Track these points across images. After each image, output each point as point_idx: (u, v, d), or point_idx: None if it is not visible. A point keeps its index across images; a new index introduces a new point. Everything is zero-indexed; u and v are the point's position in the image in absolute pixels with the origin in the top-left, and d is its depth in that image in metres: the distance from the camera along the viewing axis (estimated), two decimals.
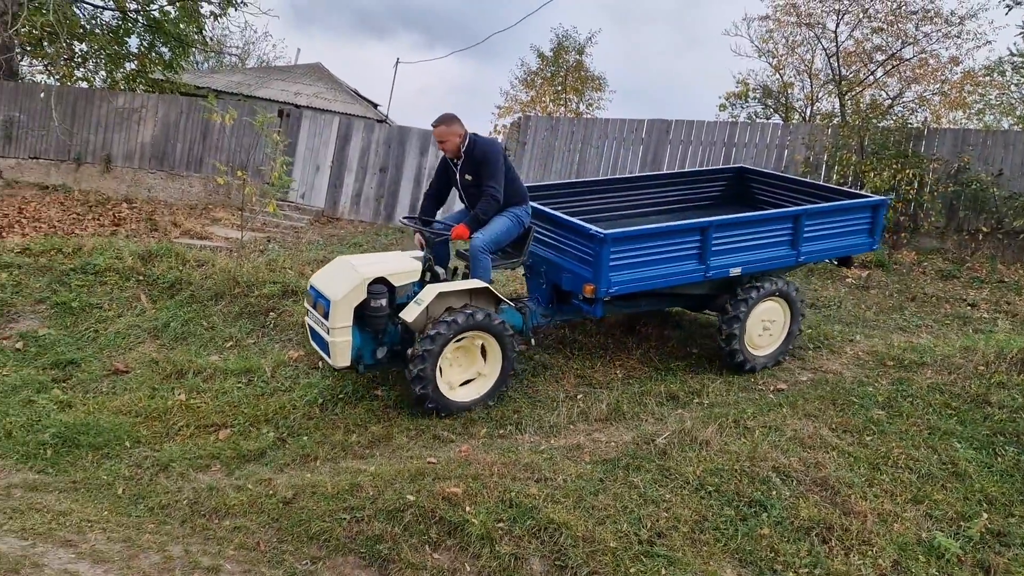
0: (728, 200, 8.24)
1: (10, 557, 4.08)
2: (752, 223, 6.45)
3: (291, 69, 25.28)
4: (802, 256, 6.60)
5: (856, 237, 6.94)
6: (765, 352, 6.61)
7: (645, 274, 6.01)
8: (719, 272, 6.25)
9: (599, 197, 7.70)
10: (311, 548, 4.36)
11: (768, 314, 6.54)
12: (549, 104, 25.53)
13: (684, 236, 6.12)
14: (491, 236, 5.94)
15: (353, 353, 5.60)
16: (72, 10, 16.47)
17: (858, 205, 6.92)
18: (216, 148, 15.47)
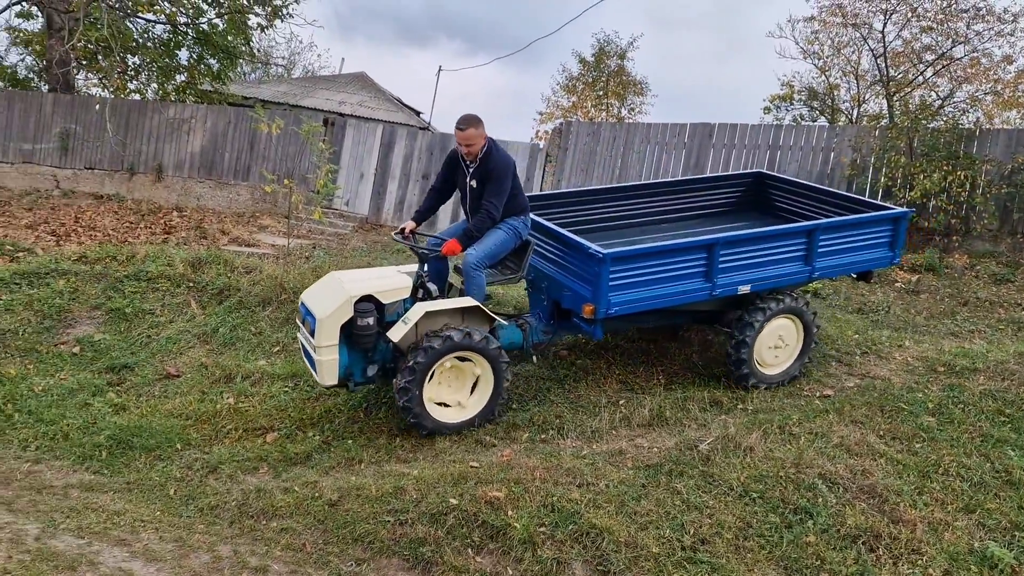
0: (746, 207, 7.98)
1: (67, 555, 4.22)
2: (762, 239, 6.15)
3: (336, 79, 25.66)
4: (816, 272, 6.33)
5: (876, 251, 6.61)
6: (776, 371, 6.35)
7: (647, 294, 5.80)
8: (727, 291, 6.02)
9: (613, 205, 7.50)
10: (356, 550, 4.42)
11: (779, 332, 6.27)
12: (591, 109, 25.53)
13: (689, 254, 5.89)
14: (485, 251, 5.76)
15: (342, 371, 5.49)
16: (126, 25, 16.95)
17: (878, 218, 6.57)
18: (263, 157, 15.78)
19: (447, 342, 5.35)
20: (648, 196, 7.70)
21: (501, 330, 5.91)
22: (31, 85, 20.55)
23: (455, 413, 5.66)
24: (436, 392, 5.59)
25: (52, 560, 4.12)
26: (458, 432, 5.61)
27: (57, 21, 16.18)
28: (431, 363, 5.38)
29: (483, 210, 5.71)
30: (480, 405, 5.68)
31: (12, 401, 6.37)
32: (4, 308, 7.75)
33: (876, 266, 6.76)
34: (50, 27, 16.82)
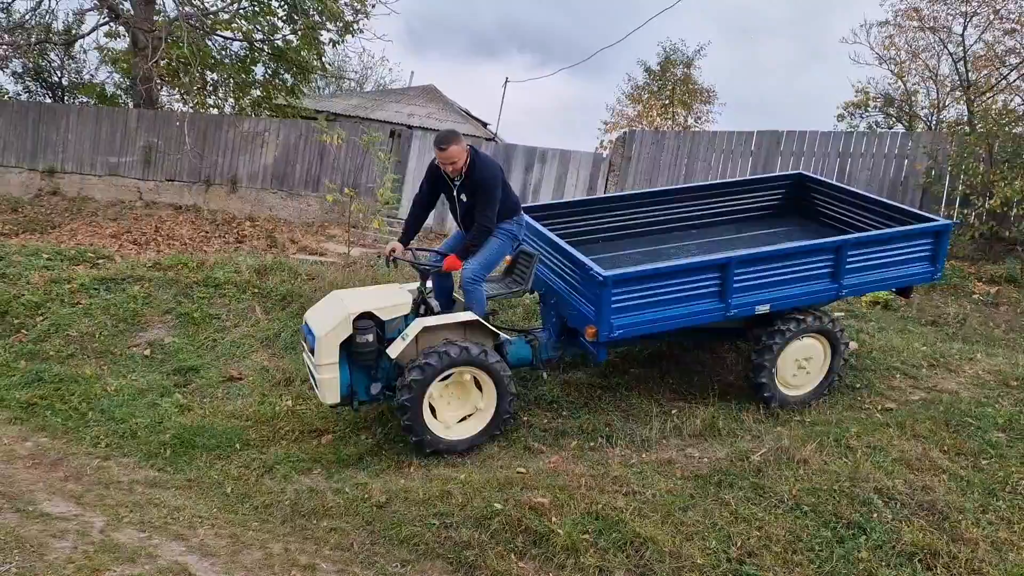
0: (786, 211, 7.64)
1: (128, 548, 4.40)
2: (783, 257, 5.80)
3: (405, 91, 26.13)
4: (844, 290, 5.94)
5: (914, 266, 6.16)
6: (801, 392, 6.06)
7: (654, 316, 5.55)
8: (742, 311, 5.71)
9: (650, 210, 7.32)
10: (401, 551, 4.48)
11: (804, 352, 5.97)
12: (656, 118, 25.32)
13: (701, 274, 5.61)
14: (480, 262, 5.66)
15: (344, 389, 5.47)
16: (205, 43, 17.65)
17: (915, 232, 6.12)
18: (332, 168, 16.18)
19: (444, 358, 5.27)
20: (684, 200, 7.48)
21: (509, 346, 5.80)
22: (117, 101, 21.58)
23: (458, 431, 5.53)
24: (440, 409, 5.49)
25: (114, 552, 4.30)
26: (461, 451, 5.47)
27: (142, 40, 16.96)
28: (429, 380, 5.30)
29: (478, 224, 5.61)
30: (484, 422, 5.53)
31: (87, 400, 6.68)
32: (83, 312, 8.15)
33: (915, 282, 6.34)
34: (135, 46, 17.64)
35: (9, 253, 9.71)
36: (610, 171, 14.79)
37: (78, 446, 6.05)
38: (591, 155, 15.27)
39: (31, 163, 17.71)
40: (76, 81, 22.76)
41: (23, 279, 8.92)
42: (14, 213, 16.25)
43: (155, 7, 17.94)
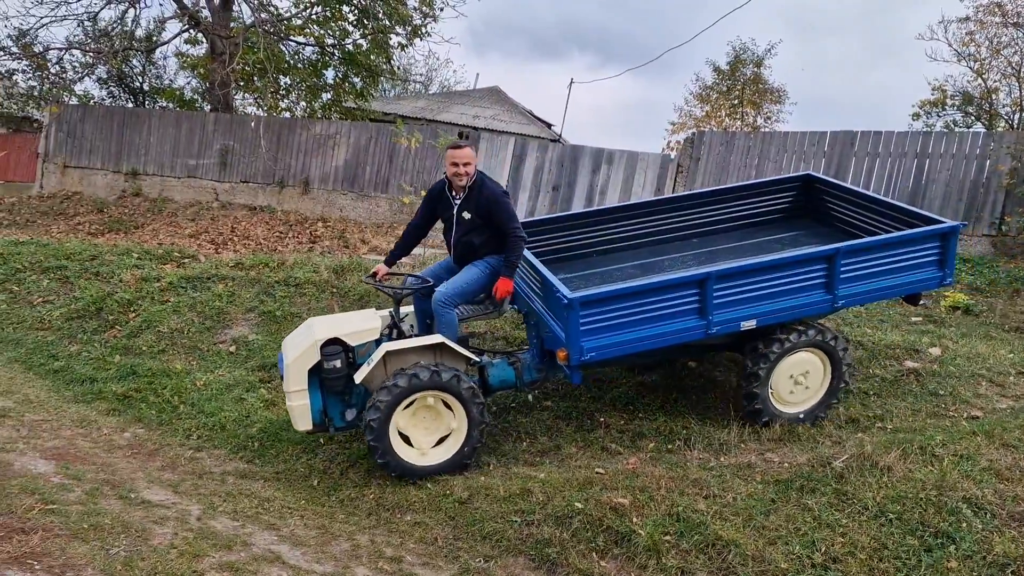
0: (796, 214, 7.31)
1: (224, 535, 4.61)
2: (768, 269, 5.50)
3: (470, 93, 26.41)
4: (840, 301, 5.62)
5: (920, 272, 5.81)
6: (799, 409, 5.78)
7: (629, 336, 5.30)
8: (726, 328, 5.44)
9: (652, 220, 7.10)
10: (484, 547, 4.59)
11: (800, 367, 5.70)
12: (724, 119, 25.03)
13: (678, 291, 5.35)
14: (454, 288, 5.52)
15: (316, 416, 5.44)
16: (279, 48, 18.16)
17: (918, 236, 5.74)
18: (401, 170, 16.47)
19: (413, 380, 5.17)
20: (687, 208, 7.20)
21: (491, 368, 5.71)
22: (195, 106, 22.34)
23: (425, 456, 5.41)
24: (414, 437, 5.38)
25: (211, 539, 4.52)
26: (429, 476, 5.32)
27: (219, 46, 17.55)
28: (396, 401, 5.21)
29: (512, 236, 5.53)
30: (453, 449, 5.39)
31: (178, 394, 7.00)
32: (172, 309, 8.51)
33: (922, 288, 5.97)
34: (213, 52, 18.26)
35: (103, 252, 10.20)
36: (678, 172, 14.71)
37: (172, 437, 6.35)
38: (659, 156, 15.21)
39: (115, 165, 18.48)
40: (156, 86, 23.65)
41: (116, 277, 9.38)
42: (100, 213, 17.00)
43: (232, 14, 18.53)
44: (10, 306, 9.17)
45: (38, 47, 18.02)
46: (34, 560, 3.90)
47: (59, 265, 9.99)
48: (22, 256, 10.40)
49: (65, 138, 18.92)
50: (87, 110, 19.52)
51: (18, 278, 9.82)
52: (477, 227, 5.62)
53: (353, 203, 16.95)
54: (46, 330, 8.35)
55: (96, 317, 8.57)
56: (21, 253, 10.51)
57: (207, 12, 18.32)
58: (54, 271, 9.88)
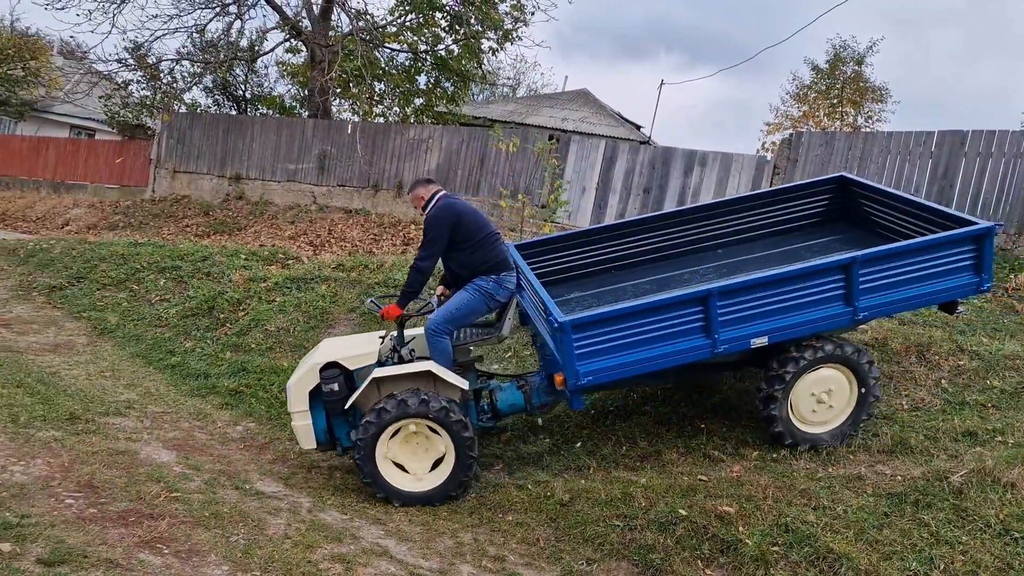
0: (832, 218, 6.87)
1: (334, 528, 4.78)
2: (777, 282, 5.19)
3: (558, 96, 26.45)
4: (862, 313, 5.24)
5: (953, 278, 5.36)
6: (824, 429, 5.45)
7: (629, 359, 5.10)
8: (735, 346, 5.18)
9: (673, 231, 6.81)
10: (586, 549, 4.61)
11: (823, 385, 5.38)
12: (823, 119, 24.26)
13: (678, 310, 5.10)
14: (444, 314, 5.43)
15: (321, 436, 5.47)
16: (374, 55, 18.63)
17: (947, 239, 5.30)
18: (492, 173, 16.64)
19: (401, 407, 5.12)
20: (713, 217, 6.87)
21: (500, 392, 5.64)
22: (294, 112, 23.14)
23: (413, 482, 5.31)
24: (401, 457, 5.31)
25: (323, 531, 4.69)
26: (417, 503, 5.23)
27: (319, 54, 18.13)
28: (384, 426, 5.15)
29: (414, 262, 5.49)
30: (442, 478, 5.27)
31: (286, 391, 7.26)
32: (278, 309, 8.86)
33: (957, 296, 5.51)
34: (312, 60, 18.88)
35: (213, 253, 10.71)
36: (774, 174, 14.36)
37: (281, 432, 6.60)
38: (754, 158, 14.89)
39: (220, 170, 19.32)
40: (258, 94, 24.61)
41: (226, 277, 9.83)
42: (206, 216, 17.82)
43: (331, 23, 19.12)
44: (131, 304, 9.74)
45: (151, 59, 19.05)
46: (163, 544, 4.14)
47: (174, 265, 10.55)
48: (140, 256, 11.03)
49: (175, 144, 19.89)
50: (195, 118, 20.47)
51: (137, 277, 10.41)
52: (446, 252, 5.56)
53: None
54: (163, 327, 8.82)
55: (208, 315, 9.00)
56: (140, 254, 11.15)
57: (307, 22, 18.95)
58: (169, 271, 10.44)
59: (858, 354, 5.36)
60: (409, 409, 5.10)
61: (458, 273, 5.64)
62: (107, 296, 10.11)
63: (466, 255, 5.49)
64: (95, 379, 7.33)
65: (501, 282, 5.53)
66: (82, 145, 23.51)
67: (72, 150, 22.77)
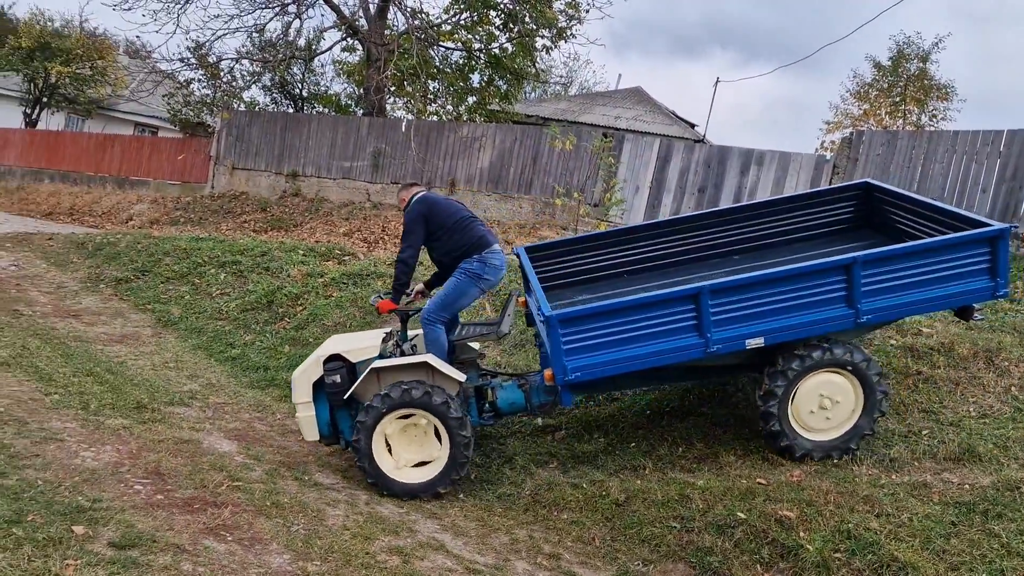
0: (859, 225, 6.63)
1: (391, 521, 4.84)
2: (772, 282, 5.07)
3: (611, 94, 26.31)
4: (865, 316, 5.06)
5: (965, 282, 5.12)
6: (827, 437, 5.28)
7: (619, 355, 5.07)
8: (729, 346, 5.08)
9: (700, 234, 6.70)
10: (642, 550, 4.59)
11: (825, 390, 5.21)
12: (884, 117, 23.64)
13: (669, 307, 5.04)
14: (436, 302, 5.56)
15: (324, 428, 5.54)
16: (429, 53, 18.78)
17: (957, 241, 5.09)
18: (545, 171, 16.63)
19: (386, 400, 5.18)
20: (738, 221, 6.72)
21: (501, 391, 5.65)
22: (349, 111, 23.46)
23: (409, 474, 5.34)
24: (396, 448, 5.36)
25: (380, 523, 4.76)
26: (401, 494, 5.24)
27: (374, 53, 18.34)
28: (377, 419, 5.20)
29: (398, 257, 5.61)
30: (434, 472, 5.29)
31: None
32: (335, 304, 8.99)
33: (970, 300, 5.27)
34: (369, 59, 19.10)
35: (271, 249, 10.93)
36: (834, 174, 14.07)
37: None
38: (813, 157, 14.60)
39: (277, 167, 19.69)
40: (314, 92, 25.01)
41: (284, 272, 10.02)
42: (263, 212, 18.18)
43: (387, 22, 19.32)
44: (193, 297, 10.00)
45: (212, 58, 19.51)
46: (226, 532, 4.24)
47: (234, 260, 10.80)
48: (202, 251, 11.31)
49: (234, 142, 20.33)
50: (253, 116, 20.90)
51: (199, 272, 10.68)
52: (428, 246, 5.73)
53: (497, 204, 17.28)
54: (224, 320, 9.03)
55: (267, 309, 9.19)
56: (201, 248, 11.44)
57: (364, 21, 19.19)
58: (230, 265, 10.69)
59: (867, 363, 5.19)
60: (410, 398, 5.15)
61: (445, 264, 5.76)
62: (170, 289, 10.39)
63: (444, 242, 5.63)
64: (160, 370, 7.54)
65: (485, 260, 5.58)
66: (146, 142, 24.20)
67: (136, 147, 23.45)
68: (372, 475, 5.28)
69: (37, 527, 3.76)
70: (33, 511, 3.94)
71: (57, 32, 28.56)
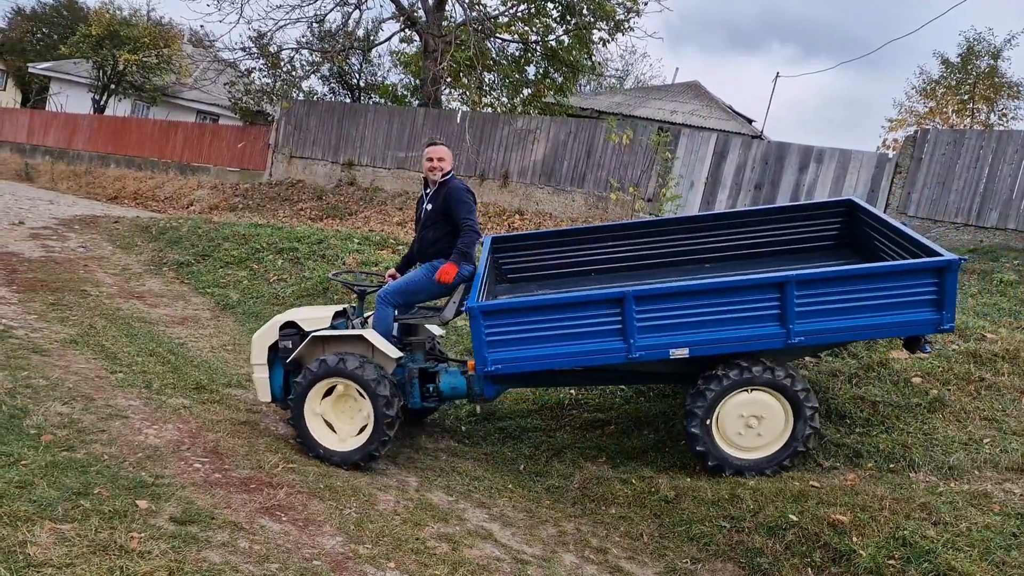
0: (843, 243, 6.43)
1: (440, 508, 4.90)
2: (699, 293, 5.03)
3: (668, 88, 26.04)
4: (797, 337, 4.94)
5: (910, 312, 4.93)
6: (756, 455, 5.19)
7: (541, 352, 5.13)
8: (652, 354, 5.04)
9: (677, 238, 6.62)
10: (691, 548, 4.57)
11: (752, 409, 5.12)
12: (951, 115, 22.91)
13: (593, 309, 5.06)
14: (398, 286, 5.69)
15: (278, 392, 5.72)
16: (486, 45, 18.82)
17: (906, 268, 4.94)
18: (598, 165, 16.56)
19: (322, 366, 5.32)
20: (718, 228, 6.62)
21: (445, 375, 5.73)
22: (405, 101, 23.66)
23: (338, 442, 5.45)
24: (336, 424, 5.49)
25: (430, 510, 4.82)
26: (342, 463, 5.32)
27: (432, 44, 18.47)
28: (310, 385, 5.35)
29: (464, 227, 5.60)
30: (361, 441, 5.38)
31: None
32: None
33: (911, 332, 5.13)
34: (426, 50, 19.24)
35: (327, 236, 11.12)
36: (896, 173, 13.72)
37: None
38: (874, 155, 14.25)
39: (334, 156, 19.98)
40: (371, 83, 25.30)
41: (339, 260, 10.18)
42: (319, 200, 18.48)
43: (445, 13, 19.42)
44: (251, 282, 10.23)
45: (273, 48, 19.85)
46: (281, 512, 4.35)
47: (291, 247, 11.01)
48: (260, 237, 11.56)
49: (292, 131, 20.69)
50: (311, 105, 21.23)
51: (257, 257, 10.92)
52: (436, 221, 5.73)
53: (549, 197, 17.27)
54: (280, 305, 9.21)
55: (323, 296, 9.35)
56: (259, 235, 11.69)
57: (422, 12, 19.31)
58: (287, 252, 10.90)
59: (791, 380, 5.08)
60: (343, 368, 5.28)
61: (432, 243, 5.80)
62: (229, 274, 10.65)
63: (446, 238, 5.73)
64: (218, 352, 7.74)
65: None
66: (207, 130, 24.79)
67: (198, 134, 24.04)
68: (301, 436, 5.42)
69: (103, 500, 3.91)
70: (100, 484, 4.10)
71: (125, 20, 29.41)
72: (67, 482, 4.03)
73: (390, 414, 5.27)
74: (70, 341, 7.00)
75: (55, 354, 6.51)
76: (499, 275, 6.87)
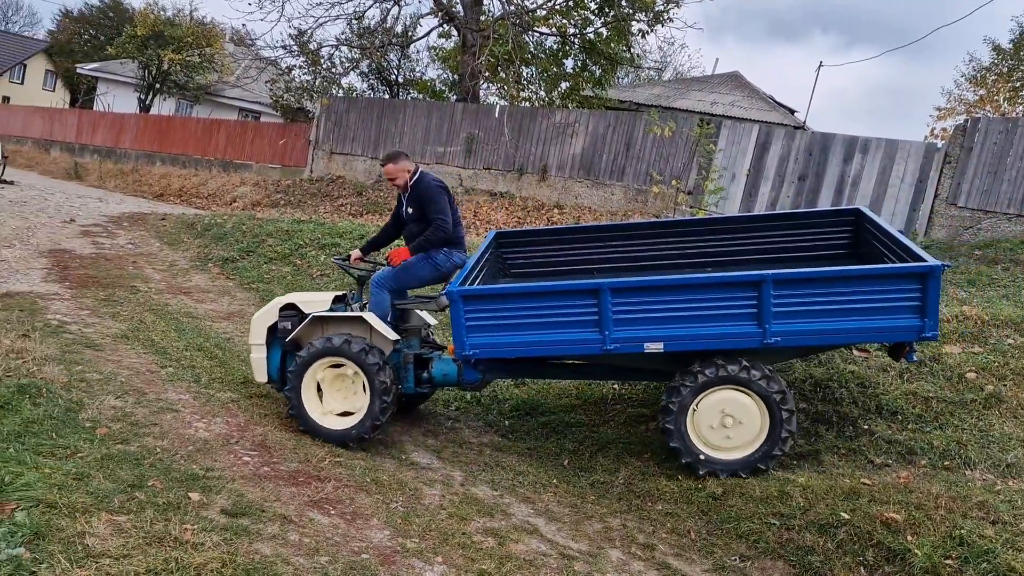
0: (852, 252, 6.27)
1: (485, 503, 4.91)
2: (676, 288, 5.10)
3: (707, 79, 25.73)
4: (773, 337, 4.87)
5: (891, 318, 4.82)
6: (732, 456, 5.12)
7: (518, 339, 5.25)
8: (626, 347, 5.08)
9: (680, 241, 6.61)
10: (740, 546, 4.51)
11: (728, 408, 5.07)
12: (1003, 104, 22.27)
13: (570, 299, 5.18)
14: (392, 272, 5.88)
15: (274, 373, 5.85)
16: (524, 39, 18.78)
17: (887, 272, 4.87)
18: (638, 158, 16.43)
19: (326, 344, 5.48)
20: (731, 232, 6.54)
21: (437, 361, 5.83)
22: (443, 96, 23.72)
23: (331, 421, 5.58)
24: (327, 395, 5.65)
25: (475, 504, 4.83)
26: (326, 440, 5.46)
27: (470, 39, 18.48)
28: (309, 362, 5.50)
29: (434, 223, 5.78)
30: (357, 419, 5.52)
31: None
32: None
33: (896, 338, 5.00)
34: (464, 45, 19.26)
35: (369, 232, 11.18)
36: (945, 163, 13.38)
37: (432, 407, 6.84)
38: (922, 145, 13.91)
39: (373, 152, 20.11)
40: (410, 79, 25.40)
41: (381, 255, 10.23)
42: (359, 196, 18.62)
43: (482, 8, 19.42)
44: (294, 277, 10.35)
45: (313, 45, 20.03)
46: (329, 505, 4.40)
47: (333, 243, 11.12)
48: (303, 233, 11.69)
49: (332, 127, 20.87)
50: (351, 102, 21.39)
51: (300, 253, 11.05)
52: (417, 219, 5.96)
53: (588, 191, 17.19)
54: None
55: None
56: (302, 230, 11.82)
57: (460, 7, 19.33)
58: (329, 247, 11.01)
59: (767, 381, 5.00)
60: (347, 349, 5.43)
61: (412, 240, 5.97)
62: (273, 269, 10.79)
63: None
64: None
65: (450, 255, 5.96)
66: (249, 127, 25.14)
67: (240, 132, 24.38)
68: (295, 410, 5.55)
69: (157, 492, 3.98)
70: (153, 477, 4.18)
71: (169, 21, 29.94)
72: (122, 474, 4.11)
73: (387, 401, 5.44)
74: (121, 336, 7.15)
75: (107, 348, 6.65)
76: (503, 269, 6.96)
